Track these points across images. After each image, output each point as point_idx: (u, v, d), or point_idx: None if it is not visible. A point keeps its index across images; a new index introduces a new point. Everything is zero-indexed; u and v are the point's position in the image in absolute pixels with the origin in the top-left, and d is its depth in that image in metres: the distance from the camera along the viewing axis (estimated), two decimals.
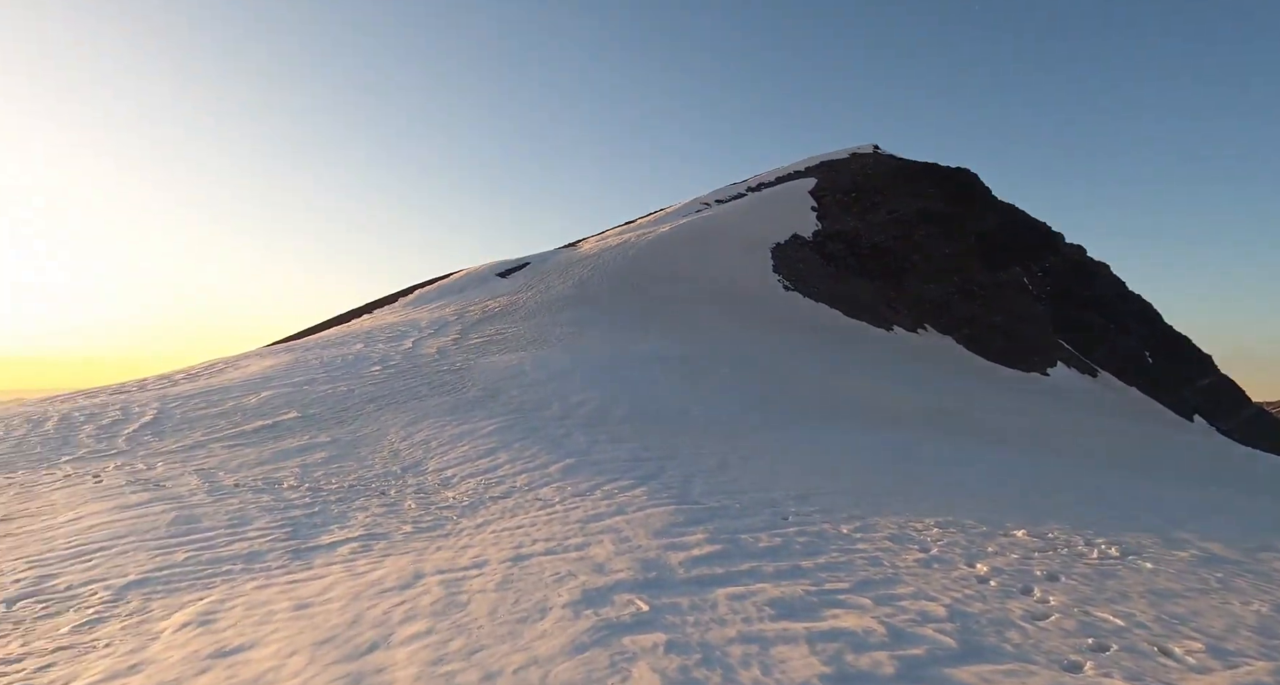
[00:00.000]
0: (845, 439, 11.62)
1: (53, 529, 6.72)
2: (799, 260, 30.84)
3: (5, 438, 11.62)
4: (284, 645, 3.59)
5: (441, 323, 21.09)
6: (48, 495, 8.10)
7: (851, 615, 3.88)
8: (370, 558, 5.39)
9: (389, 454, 9.73)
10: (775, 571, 4.76)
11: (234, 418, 12.13)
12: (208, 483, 8.33)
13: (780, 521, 6.25)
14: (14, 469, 9.59)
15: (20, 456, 10.36)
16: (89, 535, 6.39)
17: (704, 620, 3.82)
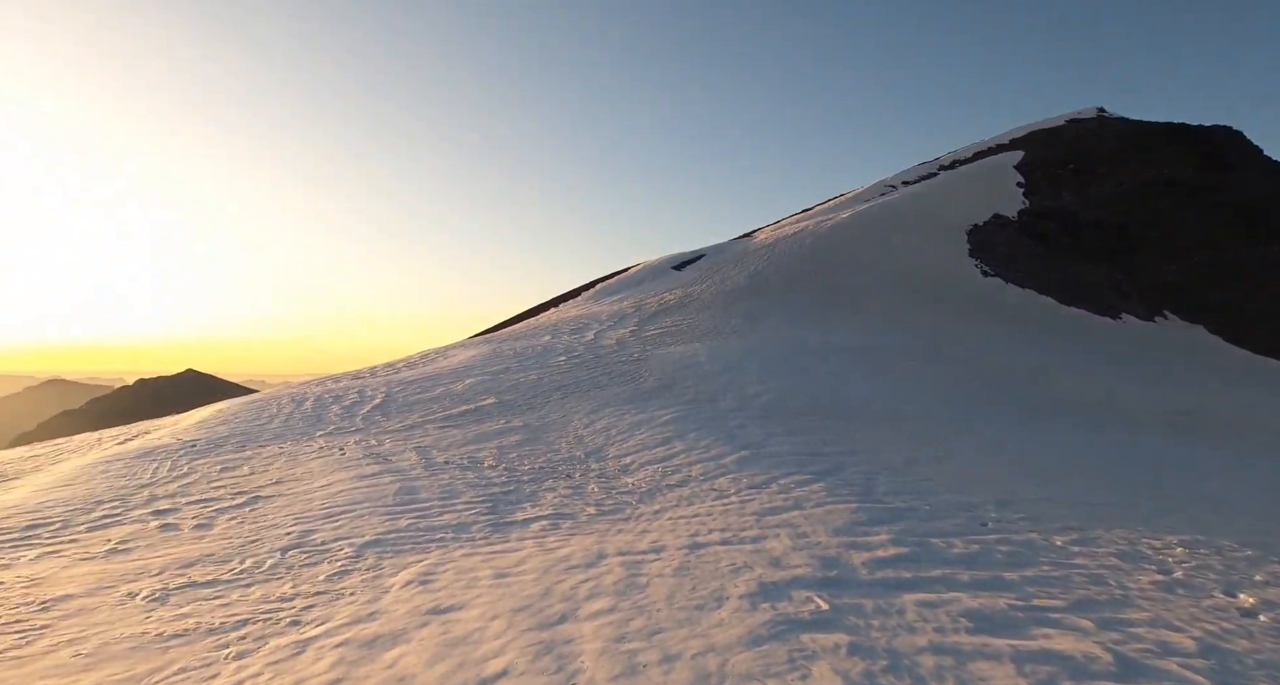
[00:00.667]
0: (1059, 440, 10.29)
1: (311, 492, 8.04)
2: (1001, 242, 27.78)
3: (277, 415, 14.12)
4: (487, 609, 3.97)
5: (620, 315, 21.99)
6: (307, 463, 9.71)
7: (1068, 637, 3.43)
8: (558, 536, 5.78)
9: (573, 439, 10.36)
10: (972, 581, 4.35)
11: (444, 402, 13.63)
12: (424, 459, 9.46)
13: (978, 527, 5.70)
14: (284, 441, 11.62)
15: (288, 430, 12.53)
16: (336, 499, 7.56)
17: (890, 625, 3.60)
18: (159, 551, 6.02)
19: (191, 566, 5.40)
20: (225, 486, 8.78)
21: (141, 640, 3.82)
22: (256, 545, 5.98)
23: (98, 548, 6.17)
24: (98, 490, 8.94)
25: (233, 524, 6.92)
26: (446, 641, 3.50)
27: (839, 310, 21.12)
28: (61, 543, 6.44)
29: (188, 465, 10.34)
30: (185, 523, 7.02)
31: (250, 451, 11.03)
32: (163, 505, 7.86)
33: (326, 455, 10.16)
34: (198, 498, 8.19)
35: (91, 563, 5.70)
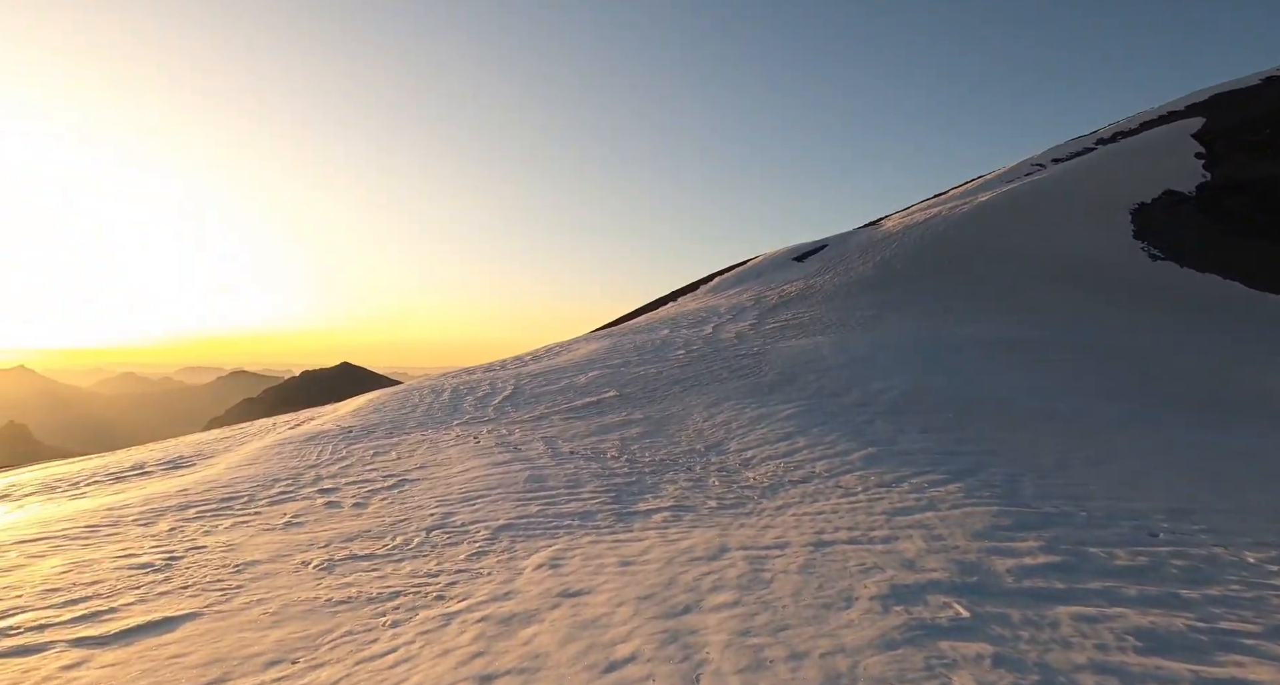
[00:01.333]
0: (1250, 444, 8.99)
1: (450, 477, 8.65)
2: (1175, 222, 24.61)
3: (419, 405, 15.30)
4: (613, 595, 4.09)
5: (740, 308, 21.75)
6: (446, 450, 10.44)
7: (1265, 668, 3.00)
8: (680, 527, 5.84)
9: (693, 433, 10.40)
10: (1140, 596, 3.91)
11: (568, 394, 14.14)
12: (550, 449, 9.88)
13: (1146, 538, 5.11)
14: (425, 429, 12.56)
15: (429, 419, 13.54)
16: (473, 485, 8.08)
17: (1042, 639, 3.31)
18: (325, 526, 6.73)
19: (352, 541, 5.98)
20: (377, 469, 9.64)
21: (314, 604, 4.29)
22: (405, 524, 6.52)
23: (277, 520, 6.99)
24: (274, 470, 10.13)
25: (384, 504, 7.58)
26: (576, 623, 3.65)
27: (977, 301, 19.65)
28: (248, 514, 7.36)
29: (346, 449, 11.45)
30: (345, 501, 7.78)
31: (397, 438, 12.03)
32: (326, 485, 8.77)
33: (463, 443, 10.87)
34: (355, 479, 9.06)
35: (272, 533, 6.47)
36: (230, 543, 6.09)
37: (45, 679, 3.25)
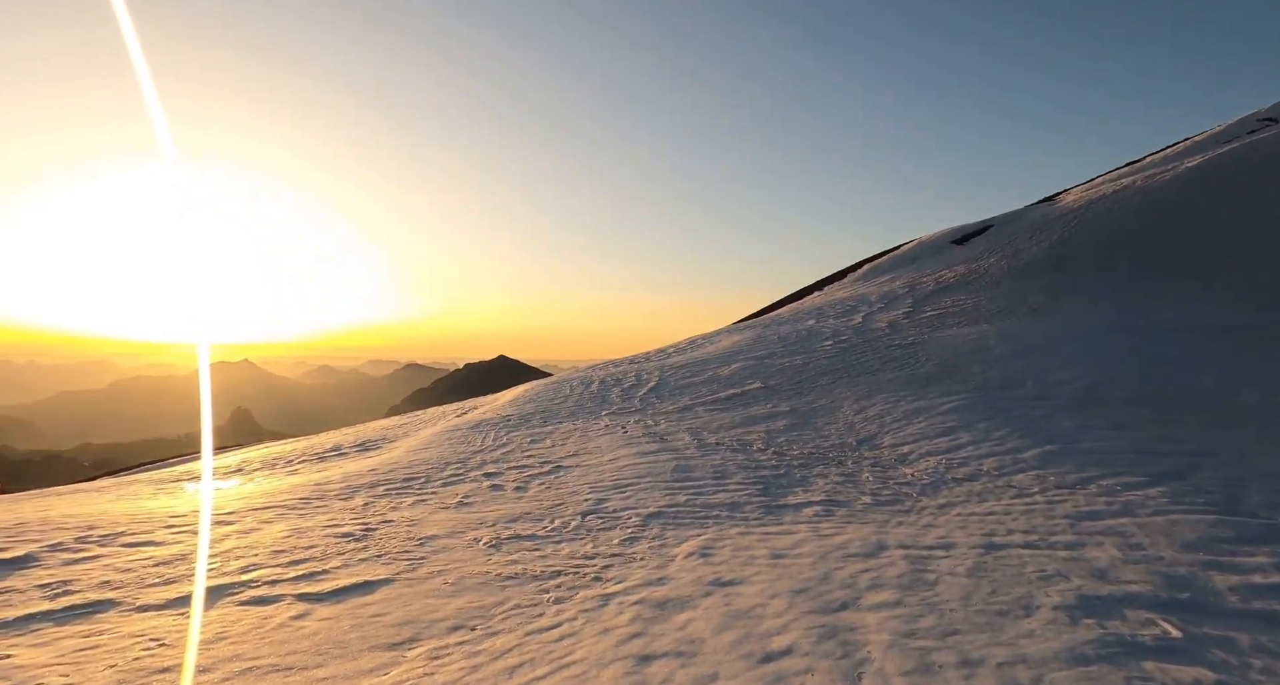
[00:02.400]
0: None
1: (601, 465, 9.01)
2: None
3: (570, 395, 16.06)
4: (766, 587, 4.06)
5: (892, 296, 20.57)
6: (596, 439, 10.88)
7: None
8: (833, 522, 5.66)
9: (844, 426, 10.01)
10: None
11: (712, 386, 14.16)
12: (696, 440, 9.96)
13: None
14: (576, 418, 13.17)
15: (579, 409, 14.18)
16: (623, 473, 8.36)
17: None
18: (491, 507, 7.29)
19: (515, 522, 6.43)
20: (534, 456, 10.27)
21: (486, 578, 4.67)
22: (562, 508, 6.89)
23: (450, 500, 7.68)
24: (445, 454, 11.11)
25: (542, 489, 8.06)
26: (730, 613, 3.67)
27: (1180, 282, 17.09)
28: (426, 494, 8.14)
29: (505, 436, 12.31)
30: (508, 485, 8.37)
31: (550, 427, 12.73)
32: (490, 469, 9.49)
33: (612, 432, 11.27)
34: (515, 464, 9.71)
35: (447, 512, 7.12)
36: (413, 519, 6.78)
37: (279, 626, 3.82)
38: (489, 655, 3.32)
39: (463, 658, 3.30)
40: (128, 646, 3.55)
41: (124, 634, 3.74)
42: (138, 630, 3.80)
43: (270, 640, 3.63)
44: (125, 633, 3.76)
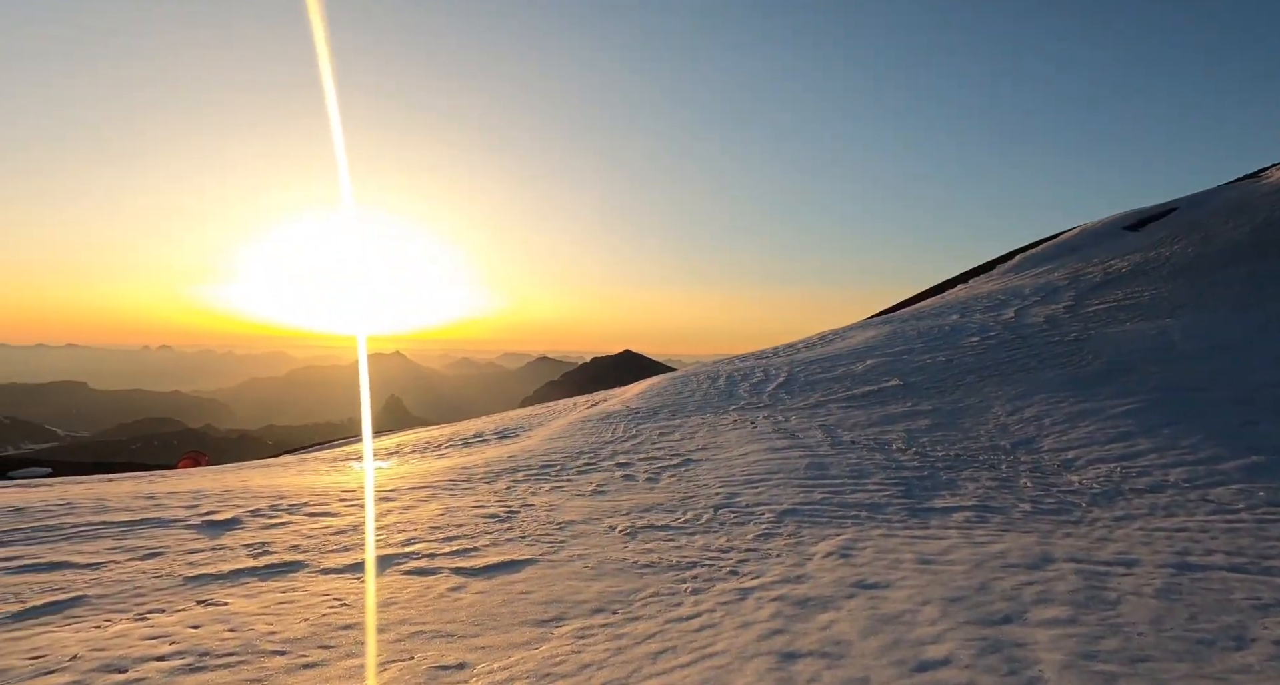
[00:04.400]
0: None
1: (731, 460, 8.94)
2: None
3: (697, 390, 16.08)
4: (915, 593, 3.84)
5: (1050, 288, 18.74)
6: (725, 434, 10.81)
7: None
8: (987, 529, 5.25)
9: (995, 428, 9.25)
10: None
11: (845, 383, 13.62)
12: (830, 437, 9.62)
13: None
14: (704, 413, 13.16)
15: (707, 404, 14.16)
16: (753, 468, 8.24)
17: None
18: (624, 496, 7.46)
19: (649, 512, 6.53)
20: (664, 448, 10.38)
21: (624, 565, 4.78)
22: (694, 501, 6.91)
23: (585, 488, 7.95)
24: (579, 444, 11.52)
25: (674, 480, 8.13)
26: (877, 617, 3.50)
27: None
28: (562, 481, 8.48)
29: (635, 428, 12.55)
30: (639, 475, 8.53)
31: (679, 420, 12.81)
32: (622, 460, 9.71)
33: (740, 428, 11.16)
34: (645, 456, 9.88)
35: (582, 499, 7.38)
36: (552, 504, 7.09)
37: (439, 596, 4.14)
38: (632, 639, 3.40)
39: (607, 639, 3.40)
40: (316, 604, 3.98)
41: (313, 592, 4.20)
42: (323, 590, 4.26)
43: (433, 608, 3.93)
44: (314, 591, 4.23)
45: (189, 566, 4.84)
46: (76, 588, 4.32)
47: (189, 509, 6.93)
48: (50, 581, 4.46)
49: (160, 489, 8.82)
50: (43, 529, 5.99)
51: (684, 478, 8.18)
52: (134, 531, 5.97)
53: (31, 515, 6.63)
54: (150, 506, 7.20)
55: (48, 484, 12.37)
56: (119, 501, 7.50)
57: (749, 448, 9.45)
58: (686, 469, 8.69)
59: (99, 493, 8.76)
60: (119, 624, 3.69)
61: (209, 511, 6.80)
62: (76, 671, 3.07)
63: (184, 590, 4.31)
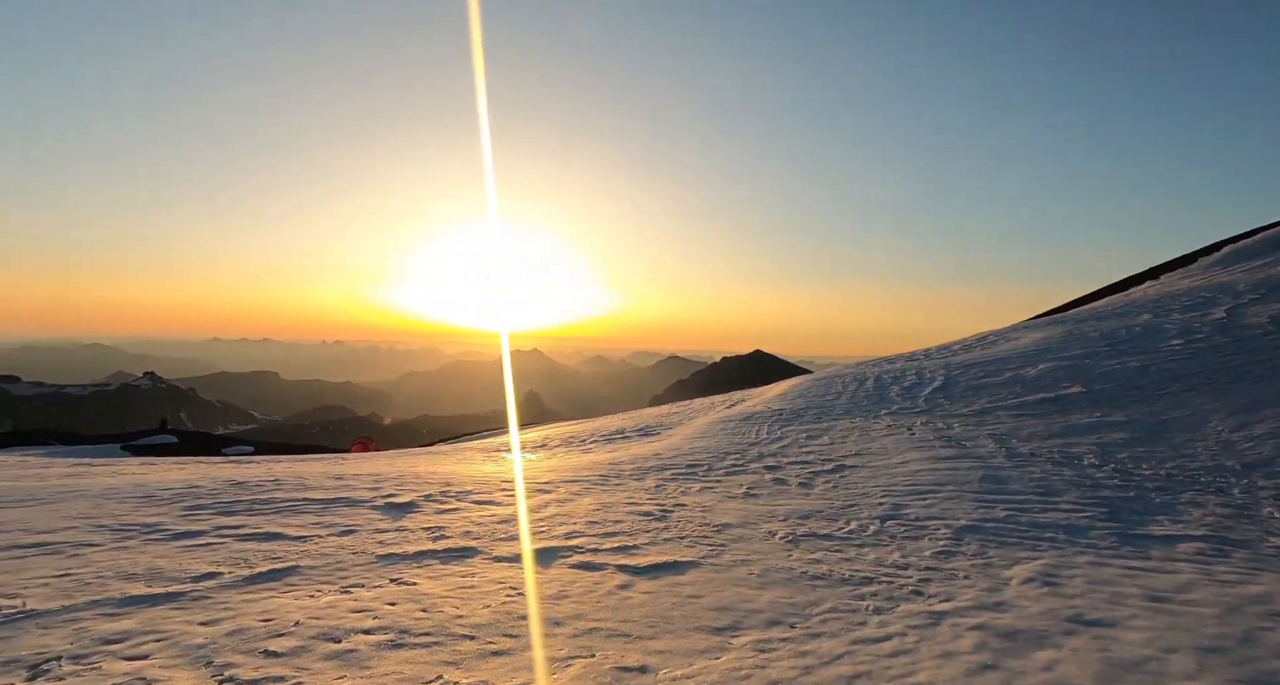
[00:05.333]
0: None
1: (890, 467, 8.37)
2: None
3: (843, 392, 15.34)
4: (1154, 637, 3.29)
5: (1271, 284, 15.98)
6: (879, 439, 10.18)
7: None
8: (1232, 566, 4.45)
9: (1216, 445, 7.95)
10: None
11: (1014, 388, 12.38)
12: (1004, 447, 8.74)
13: None
14: (853, 416, 12.51)
15: (854, 407, 13.46)
16: (917, 477, 7.65)
17: None
18: (778, 500, 7.19)
19: (808, 519, 6.23)
20: (813, 452, 9.95)
21: (791, 574, 4.55)
22: (855, 509, 6.51)
23: (736, 490, 7.77)
24: (722, 444, 11.34)
25: (828, 486, 7.74)
26: (1111, 661, 3.03)
27: None
28: (711, 481, 8.35)
29: (779, 430, 12.16)
30: (791, 479, 8.21)
31: (826, 423, 12.26)
32: (770, 462, 9.41)
33: (896, 433, 10.45)
34: (794, 459, 9.51)
35: (734, 501, 7.20)
36: (704, 504, 6.97)
37: (608, 593, 4.15)
38: (818, 658, 3.18)
39: (791, 656, 3.21)
40: (495, 591, 4.13)
41: (490, 579, 4.37)
42: (498, 577, 4.42)
43: (604, 605, 3.93)
44: (490, 578, 4.40)
45: (379, 545, 5.22)
46: (290, 558, 4.79)
47: (372, 491, 7.55)
48: (269, 550, 4.99)
49: (345, 471, 9.73)
50: (259, 502, 6.77)
51: (840, 484, 7.76)
52: (330, 509, 6.58)
53: (249, 489, 7.54)
54: (340, 486, 7.94)
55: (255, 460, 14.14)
56: (315, 481, 8.34)
57: (909, 455, 8.81)
58: (841, 475, 8.24)
59: (298, 471, 9.83)
60: (328, 595, 4.02)
61: (389, 494, 7.37)
62: (300, 637, 3.36)
63: (378, 567, 4.64)
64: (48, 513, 6.31)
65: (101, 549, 4.97)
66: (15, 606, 3.69)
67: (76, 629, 3.40)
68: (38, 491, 7.72)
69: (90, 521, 5.85)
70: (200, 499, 6.91)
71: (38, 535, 5.34)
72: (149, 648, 3.18)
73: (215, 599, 3.91)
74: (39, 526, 5.67)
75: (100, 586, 4.05)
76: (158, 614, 3.63)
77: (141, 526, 5.68)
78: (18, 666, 2.93)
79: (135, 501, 6.81)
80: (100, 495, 7.30)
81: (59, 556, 4.74)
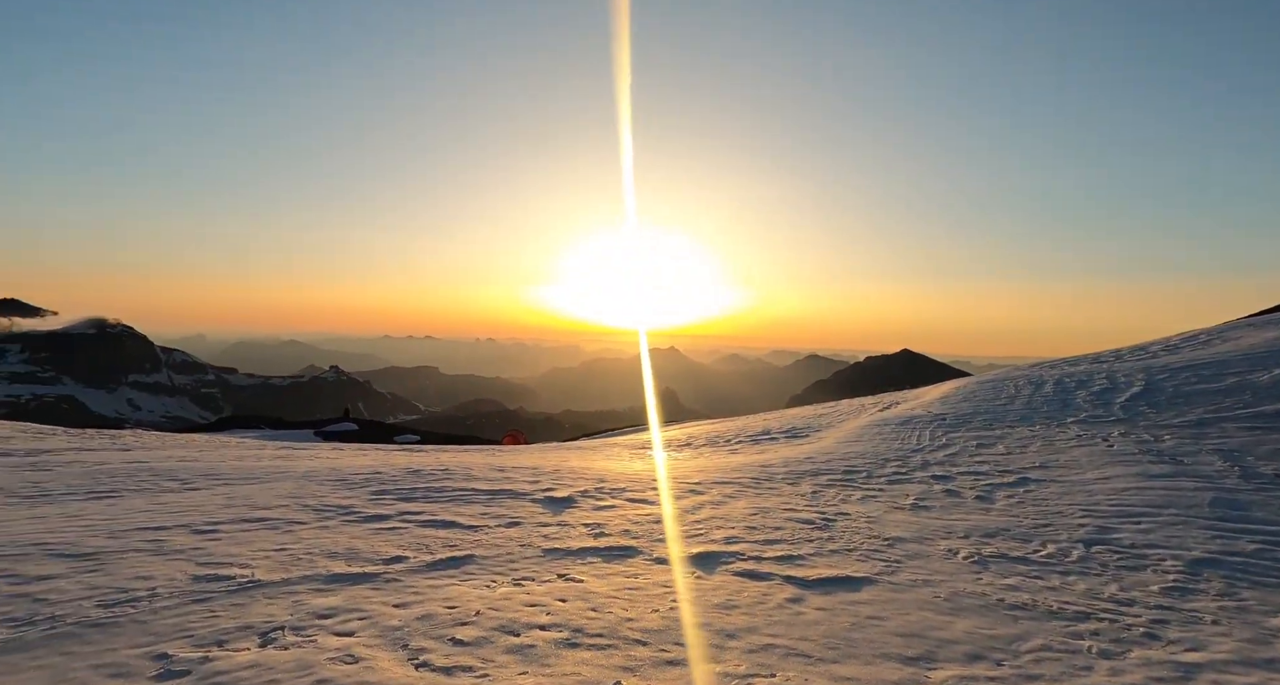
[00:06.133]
0: None
1: (1086, 483, 7.37)
2: None
3: (1016, 396, 13.88)
4: None
5: None
6: (1068, 451, 9.03)
7: None
8: None
9: None
10: None
11: (1240, 396, 10.53)
12: (1237, 467, 7.40)
13: None
14: (1031, 423, 11.25)
15: (1032, 413, 12.11)
16: (1124, 498, 6.66)
17: None
18: (953, 514, 6.55)
19: (993, 537, 5.60)
20: (987, 462, 9.03)
21: (985, 601, 4.07)
22: (1050, 530, 5.76)
23: (902, 500, 7.20)
24: (880, 449, 10.64)
25: (1012, 502, 6.95)
26: None
27: None
28: (872, 489, 7.82)
29: (944, 436, 11.20)
30: (965, 491, 7.47)
31: (999, 430, 11.11)
32: (937, 471, 8.66)
33: (1088, 444, 9.23)
34: (965, 469, 8.68)
35: (902, 512, 6.66)
36: (869, 515, 6.51)
37: (779, 606, 3.93)
38: None
39: None
40: (661, 595, 4.05)
41: (654, 582, 4.31)
42: (662, 580, 4.35)
43: (776, 620, 3.72)
44: (655, 581, 4.33)
45: (544, 539, 5.36)
46: (466, 547, 5.04)
47: (532, 484, 7.85)
48: (446, 538, 5.28)
49: (505, 463, 10.24)
50: (433, 490, 7.25)
51: (1025, 500, 6.95)
52: (496, 500, 6.90)
53: (424, 477, 8.12)
54: (502, 478, 8.34)
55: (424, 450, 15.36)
56: (479, 472, 8.83)
57: (1109, 471, 7.73)
58: (1026, 489, 7.39)
59: (463, 462, 10.50)
60: (503, 587, 4.15)
61: (548, 488, 7.61)
62: (482, 627, 3.47)
63: (545, 562, 4.75)
64: (264, 491, 7.16)
65: (307, 527, 5.51)
66: (247, 575, 4.15)
67: (294, 601, 3.74)
68: (256, 471, 8.82)
69: (297, 501, 6.55)
70: (384, 485, 7.53)
71: (260, 510, 6.05)
72: (354, 626, 3.42)
73: (404, 582, 4.16)
74: (260, 503, 6.44)
75: (309, 563, 4.46)
76: (358, 593, 3.92)
77: (338, 508, 6.26)
78: (251, 633, 3.26)
79: (331, 484, 7.55)
80: (303, 477, 8.18)
81: (275, 532, 5.32)
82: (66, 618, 3.34)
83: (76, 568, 4.16)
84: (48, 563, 4.24)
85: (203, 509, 6.11)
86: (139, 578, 4.01)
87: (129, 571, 4.11)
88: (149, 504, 6.39)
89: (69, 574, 4.04)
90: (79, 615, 3.37)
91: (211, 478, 8.11)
